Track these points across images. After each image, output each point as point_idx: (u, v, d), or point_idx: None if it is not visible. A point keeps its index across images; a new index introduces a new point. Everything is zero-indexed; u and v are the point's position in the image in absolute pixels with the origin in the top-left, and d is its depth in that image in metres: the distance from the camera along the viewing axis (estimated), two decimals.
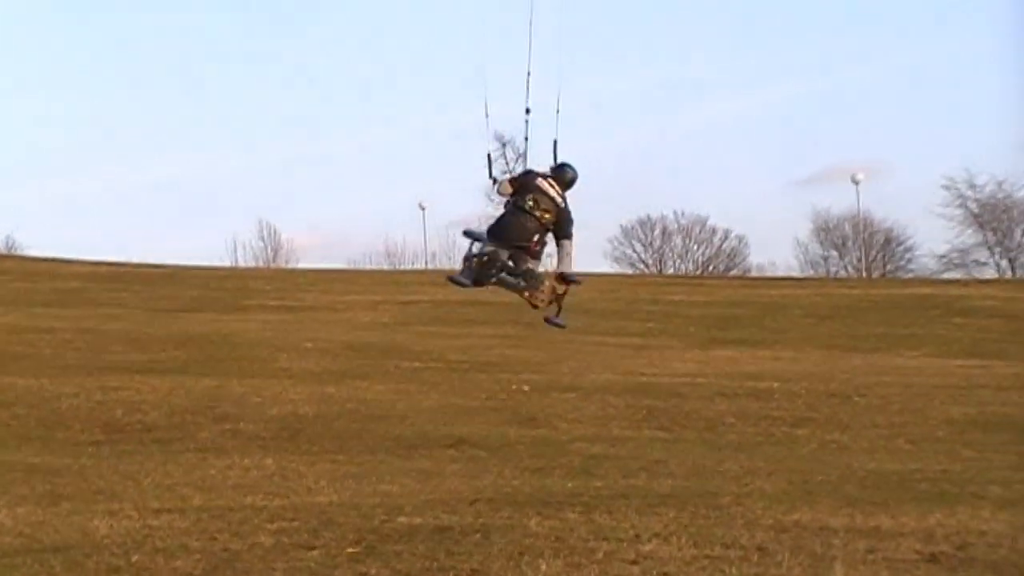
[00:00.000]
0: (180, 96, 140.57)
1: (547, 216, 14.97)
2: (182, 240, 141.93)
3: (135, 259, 72.57)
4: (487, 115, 15.23)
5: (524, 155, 15.81)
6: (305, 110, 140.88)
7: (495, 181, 15.43)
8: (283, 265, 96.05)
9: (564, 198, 15.13)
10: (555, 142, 15.46)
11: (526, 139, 15.71)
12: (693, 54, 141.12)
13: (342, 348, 35.56)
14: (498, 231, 15.15)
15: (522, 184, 15.12)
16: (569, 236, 15.20)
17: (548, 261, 15.76)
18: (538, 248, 15.17)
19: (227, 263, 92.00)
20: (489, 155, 15.89)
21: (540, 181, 15.09)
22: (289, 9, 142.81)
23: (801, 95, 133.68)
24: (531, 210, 14.98)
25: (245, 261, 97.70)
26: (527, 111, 15.47)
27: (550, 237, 15.26)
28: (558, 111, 15.41)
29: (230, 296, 53.70)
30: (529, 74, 15.46)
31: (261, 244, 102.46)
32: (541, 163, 15.42)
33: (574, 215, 15.20)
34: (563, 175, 15.22)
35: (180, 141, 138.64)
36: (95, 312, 45.25)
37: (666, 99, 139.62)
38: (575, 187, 15.35)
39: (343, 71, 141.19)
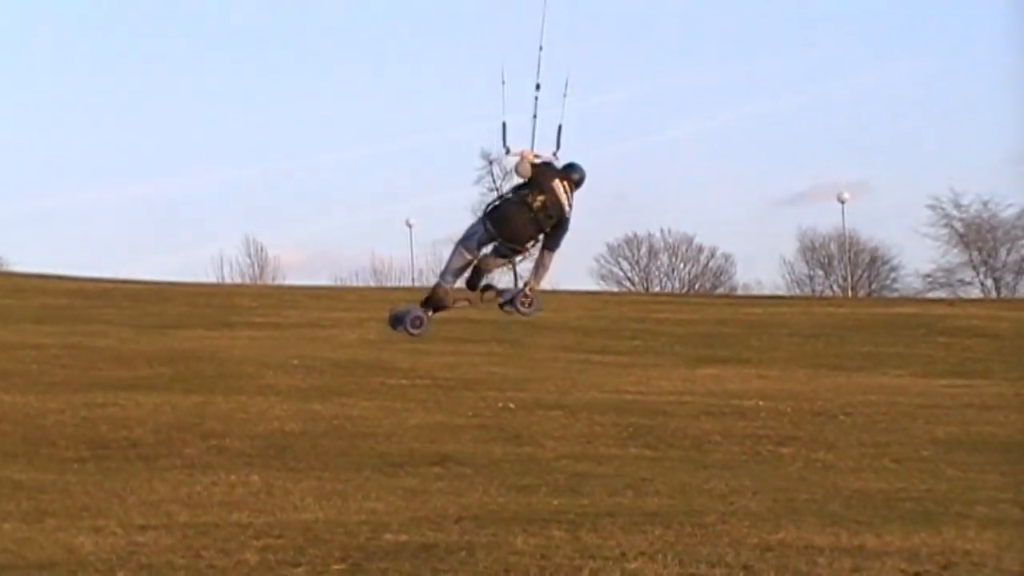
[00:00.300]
0: (168, 112, 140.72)
1: (550, 221, 13.90)
2: (169, 256, 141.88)
3: (122, 275, 72.61)
4: (503, 81, 14.07)
5: (532, 135, 14.80)
6: (293, 127, 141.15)
7: (509, 151, 13.86)
8: (269, 282, 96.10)
9: (571, 205, 14.04)
10: (559, 128, 14.47)
11: (535, 117, 14.78)
12: (680, 70, 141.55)
13: (328, 365, 35.55)
14: (498, 221, 13.87)
15: (538, 176, 13.88)
16: (556, 248, 14.08)
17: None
18: (525, 255, 14.34)
19: (214, 279, 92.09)
20: (504, 124, 14.57)
21: (556, 183, 13.91)
22: (276, 25, 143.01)
23: (787, 113, 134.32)
24: (538, 211, 13.82)
25: (232, 278, 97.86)
26: (537, 87, 14.52)
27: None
28: (565, 94, 14.39)
29: (217, 312, 53.66)
30: (541, 48, 14.49)
31: (248, 261, 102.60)
32: (544, 147, 14.37)
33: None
34: (570, 175, 14.04)
35: (167, 157, 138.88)
36: (82, 328, 45.18)
37: (652, 116, 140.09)
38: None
39: (330, 87, 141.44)
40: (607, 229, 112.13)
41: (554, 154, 14.22)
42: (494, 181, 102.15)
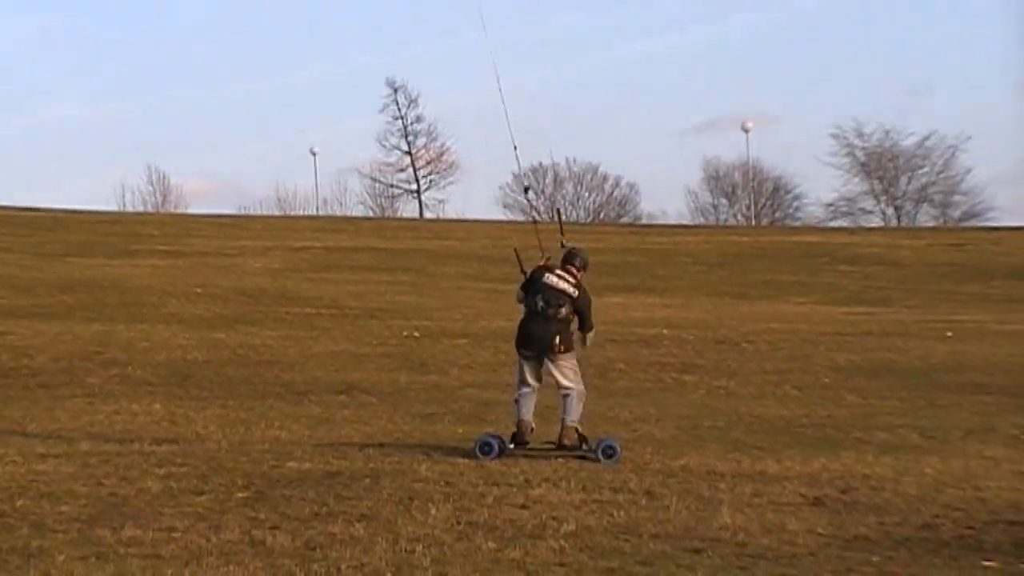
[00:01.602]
0: (69, 39, 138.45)
1: (563, 311, 14.59)
2: (70, 184, 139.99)
3: (20, 203, 71.51)
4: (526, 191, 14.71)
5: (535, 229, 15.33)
6: (197, 55, 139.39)
7: (526, 274, 14.90)
8: (172, 210, 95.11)
9: (579, 286, 14.73)
10: (558, 211, 15.13)
11: (533, 208, 15.32)
12: (585, 2, 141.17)
13: (232, 294, 35.34)
14: (523, 340, 14.74)
15: (531, 285, 14.76)
16: (588, 327, 14.82)
17: None
18: (564, 347, 14.61)
19: (116, 208, 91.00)
20: (516, 251, 15.31)
21: (547, 277, 14.66)
22: None
23: (692, 44, 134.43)
24: (543, 311, 14.58)
25: (134, 206, 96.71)
26: (526, 190, 15.11)
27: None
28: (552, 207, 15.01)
29: (119, 241, 53.12)
30: (516, 148, 15.28)
31: (150, 189, 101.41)
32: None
33: (587, 296, 14.76)
34: (572, 261, 14.84)
35: (68, 84, 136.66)
36: None
37: (558, 48, 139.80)
38: (585, 264, 14.98)
39: (236, 16, 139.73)
40: (512, 158, 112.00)
41: (561, 244, 14.94)
42: (399, 109, 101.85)
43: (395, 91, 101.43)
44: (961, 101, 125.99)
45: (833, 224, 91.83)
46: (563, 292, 14.65)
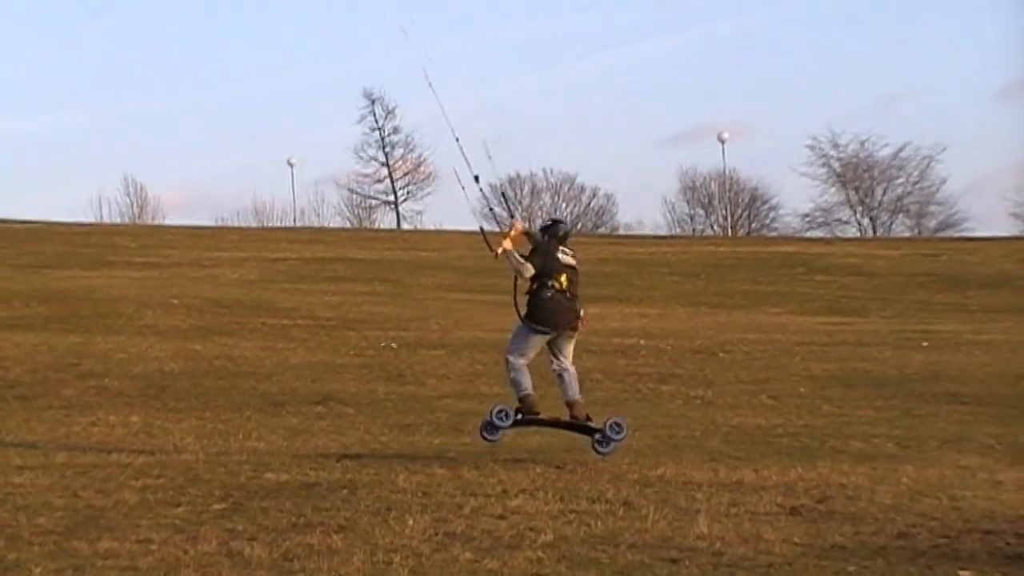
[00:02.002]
0: (45, 48, 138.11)
1: (575, 287, 14.89)
2: (45, 195, 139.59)
3: None
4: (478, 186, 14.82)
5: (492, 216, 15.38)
6: (175, 64, 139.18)
7: (497, 256, 14.79)
8: (149, 221, 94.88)
9: (574, 256, 14.97)
10: (503, 194, 15.34)
11: (491, 209, 15.48)
12: (563, 10, 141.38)
13: (209, 305, 35.28)
14: (546, 318, 14.69)
15: (544, 259, 14.71)
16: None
17: None
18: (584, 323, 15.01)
19: (92, 219, 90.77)
20: (482, 229, 15.40)
21: (560, 255, 14.77)
22: None
23: (668, 53, 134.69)
24: (566, 289, 14.73)
25: (110, 217, 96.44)
26: (476, 178, 15.26)
27: None
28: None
29: (95, 252, 53.00)
30: (458, 139, 15.20)
31: (127, 200, 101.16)
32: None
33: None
34: (558, 233, 14.97)
35: (43, 94, 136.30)
36: None
37: (535, 57, 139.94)
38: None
39: (214, 24, 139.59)
40: (490, 169, 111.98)
41: (548, 230, 15.02)
42: (376, 120, 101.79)
43: (372, 102, 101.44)
44: (936, 110, 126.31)
45: (809, 234, 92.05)
46: (574, 268, 14.87)
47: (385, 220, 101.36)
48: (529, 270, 14.73)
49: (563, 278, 14.75)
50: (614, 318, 36.50)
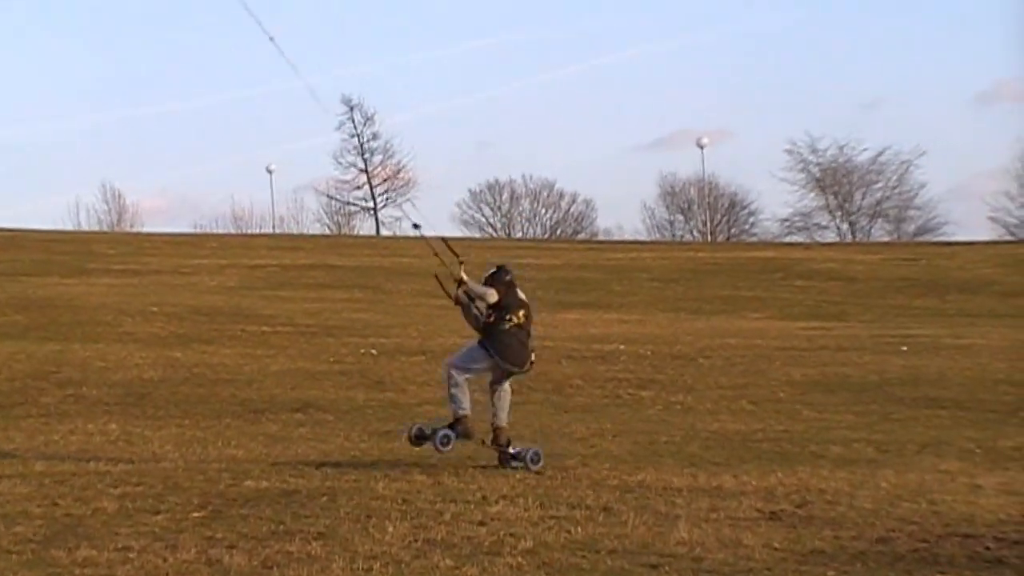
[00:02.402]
0: (22, 56, 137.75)
1: (530, 324, 14.98)
2: (22, 203, 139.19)
3: None
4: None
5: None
6: (152, 71, 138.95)
7: (455, 298, 14.94)
8: (128, 229, 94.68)
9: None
10: (445, 240, 15.47)
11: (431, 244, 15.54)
12: (541, 17, 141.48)
13: (188, 312, 35.20)
14: (502, 351, 14.74)
15: (508, 294, 14.83)
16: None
17: None
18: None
19: (69, 227, 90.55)
20: (436, 275, 15.36)
21: (519, 292, 14.96)
22: None
23: (647, 59, 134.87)
24: (523, 326, 14.85)
25: (88, 225, 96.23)
26: (415, 226, 15.60)
27: None
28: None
29: (73, 260, 52.84)
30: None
31: (105, 207, 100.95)
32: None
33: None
34: (504, 278, 14.98)
35: (20, 102, 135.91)
36: None
37: (514, 63, 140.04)
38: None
39: (192, 31, 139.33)
40: (469, 175, 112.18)
41: (495, 276, 14.96)
42: (355, 127, 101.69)
43: (351, 108, 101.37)
44: (914, 115, 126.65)
45: (788, 239, 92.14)
46: (529, 307, 15.03)
47: (364, 226, 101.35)
48: (493, 295, 14.83)
49: (521, 313, 14.88)
50: (594, 324, 36.53)
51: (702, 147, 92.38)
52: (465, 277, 14.89)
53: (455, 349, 28.12)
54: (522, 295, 15.02)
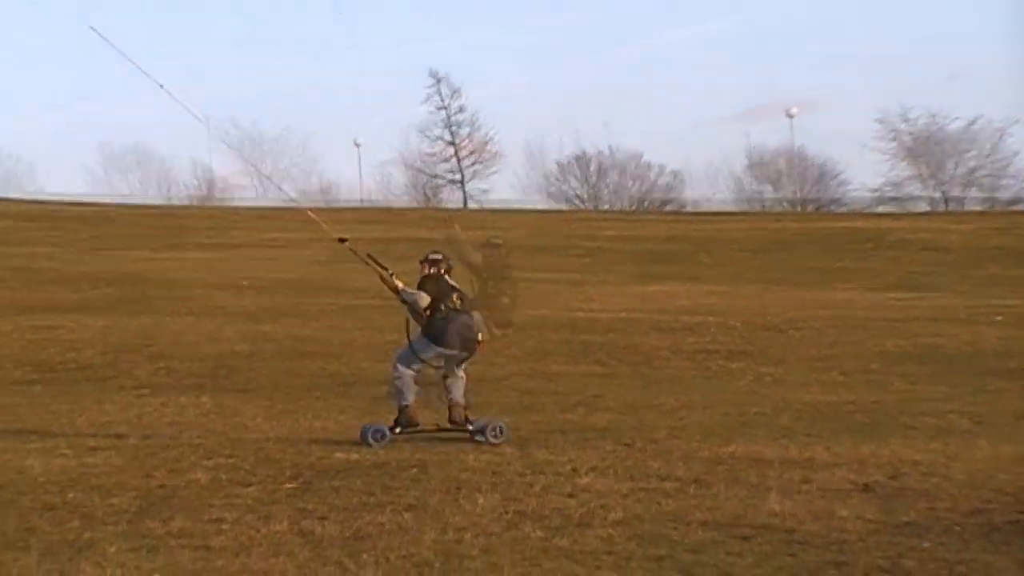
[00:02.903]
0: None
1: (467, 304, 15.31)
2: (116, 180, 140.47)
3: (67, 198, 71.95)
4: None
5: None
6: (243, 48, 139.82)
7: (398, 292, 15.59)
8: (217, 203, 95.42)
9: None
10: (370, 255, 16.32)
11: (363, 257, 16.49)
12: None
13: (277, 285, 35.46)
14: (446, 339, 15.09)
15: (437, 286, 15.33)
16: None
17: None
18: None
19: (160, 202, 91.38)
20: (381, 275, 16.01)
21: (447, 279, 15.40)
22: None
23: (736, 29, 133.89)
24: (463, 308, 15.20)
25: (179, 200, 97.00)
26: (341, 240, 17.11)
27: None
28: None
29: (164, 234, 53.40)
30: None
31: (195, 183, 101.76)
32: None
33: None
34: (439, 264, 15.60)
35: (112, 77, 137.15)
36: (28, 251, 44.87)
37: (601, 35, 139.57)
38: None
39: (285, 7, 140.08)
40: (557, 147, 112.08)
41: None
42: (442, 100, 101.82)
43: (438, 81, 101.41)
44: (1004, 85, 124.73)
45: (879, 209, 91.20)
46: (462, 291, 15.43)
47: (452, 200, 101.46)
48: (424, 299, 15.27)
49: (455, 297, 15.23)
50: (682, 296, 36.39)
51: (791, 117, 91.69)
52: (400, 286, 15.55)
53: (540, 321, 28.25)
54: (452, 280, 15.38)
